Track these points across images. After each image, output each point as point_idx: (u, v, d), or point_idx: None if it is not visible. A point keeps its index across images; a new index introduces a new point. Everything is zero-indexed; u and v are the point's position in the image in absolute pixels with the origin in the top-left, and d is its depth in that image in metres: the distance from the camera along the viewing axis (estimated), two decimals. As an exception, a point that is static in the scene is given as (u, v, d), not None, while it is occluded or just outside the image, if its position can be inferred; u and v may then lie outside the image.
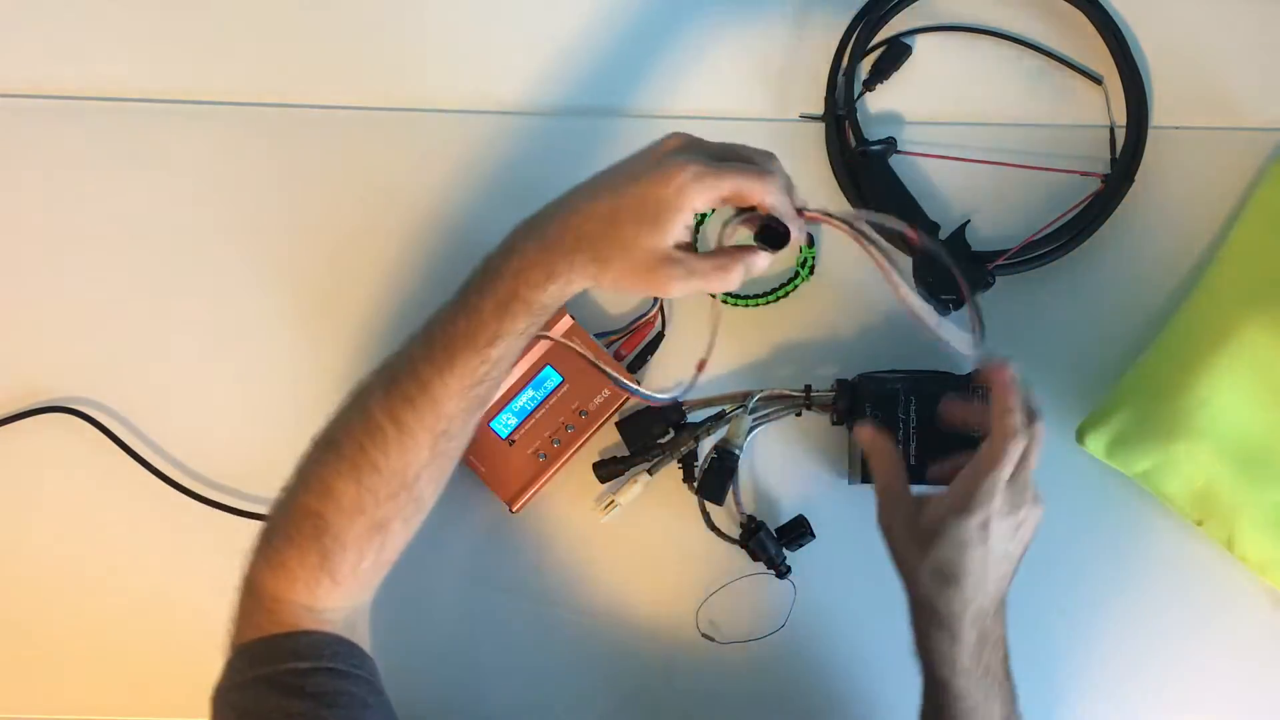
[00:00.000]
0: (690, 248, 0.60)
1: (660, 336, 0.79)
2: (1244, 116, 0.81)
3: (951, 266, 0.66)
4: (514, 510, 0.75)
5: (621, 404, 0.76)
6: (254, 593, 0.62)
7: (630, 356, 0.78)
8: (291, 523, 0.61)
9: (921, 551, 0.62)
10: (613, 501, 0.76)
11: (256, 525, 0.69)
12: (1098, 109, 0.81)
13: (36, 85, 0.82)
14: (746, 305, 0.78)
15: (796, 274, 0.78)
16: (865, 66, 0.81)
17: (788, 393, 0.76)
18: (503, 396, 0.75)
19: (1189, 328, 0.76)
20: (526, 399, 0.75)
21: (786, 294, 0.78)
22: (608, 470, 0.76)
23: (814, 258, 0.78)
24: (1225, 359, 0.72)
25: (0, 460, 0.78)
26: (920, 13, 0.82)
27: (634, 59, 0.82)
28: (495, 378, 0.60)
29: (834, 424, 0.76)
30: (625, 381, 0.73)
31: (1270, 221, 0.76)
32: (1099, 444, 0.75)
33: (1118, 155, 0.79)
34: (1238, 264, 0.76)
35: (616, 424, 0.76)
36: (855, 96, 0.80)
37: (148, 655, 0.77)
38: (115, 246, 0.80)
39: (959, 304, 0.74)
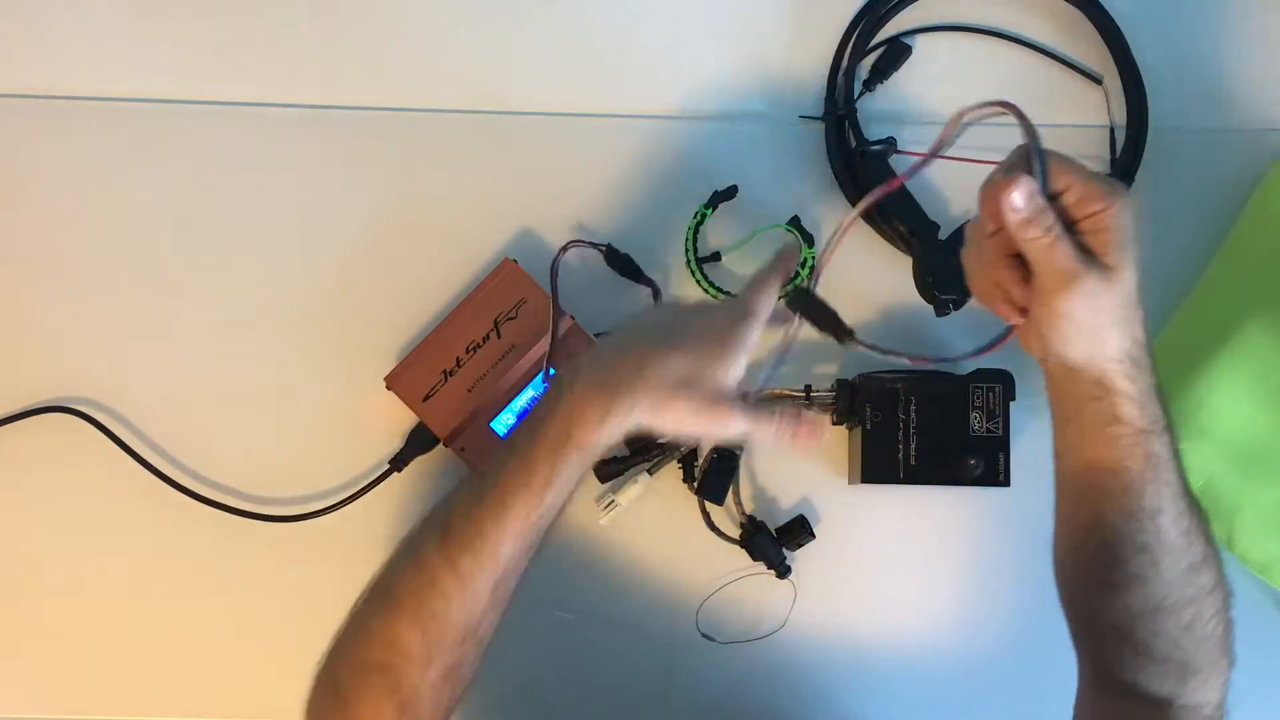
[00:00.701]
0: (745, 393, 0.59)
1: (660, 336, 0.79)
2: (1244, 116, 0.81)
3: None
4: (514, 510, 0.75)
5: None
6: None
7: (630, 356, 0.78)
8: (362, 678, 0.58)
9: (1120, 285, 0.53)
10: (613, 501, 0.76)
11: (260, 526, 0.69)
12: (1098, 109, 0.81)
13: (36, 85, 0.82)
14: (746, 305, 0.78)
15: (797, 274, 0.78)
16: (865, 66, 0.81)
17: (788, 392, 0.76)
18: (503, 396, 0.75)
19: (1189, 328, 0.76)
20: (526, 399, 0.75)
21: (787, 294, 0.78)
22: (608, 470, 0.76)
23: (814, 257, 0.78)
24: (1225, 359, 0.72)
25: (0, 460, 0.78)
26: (920, 13, 0.82)
27: (634, 59, 0.82)
28: (551, 519, 0.58)
29: (833, 424, 0.76)
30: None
31: (1270, 221, 0.76)
32: None
33: (1118, 155, 0.79)
34: (1238, 264, 0.76)
35: None
36: (855, 96, 0.80)
37: (148, 655, 0.77)
38: (115, 246, 0.80)
39: (959, 304, 0.74)
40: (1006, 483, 0.73)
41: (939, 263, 0.74)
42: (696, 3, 0.83)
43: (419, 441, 0.76)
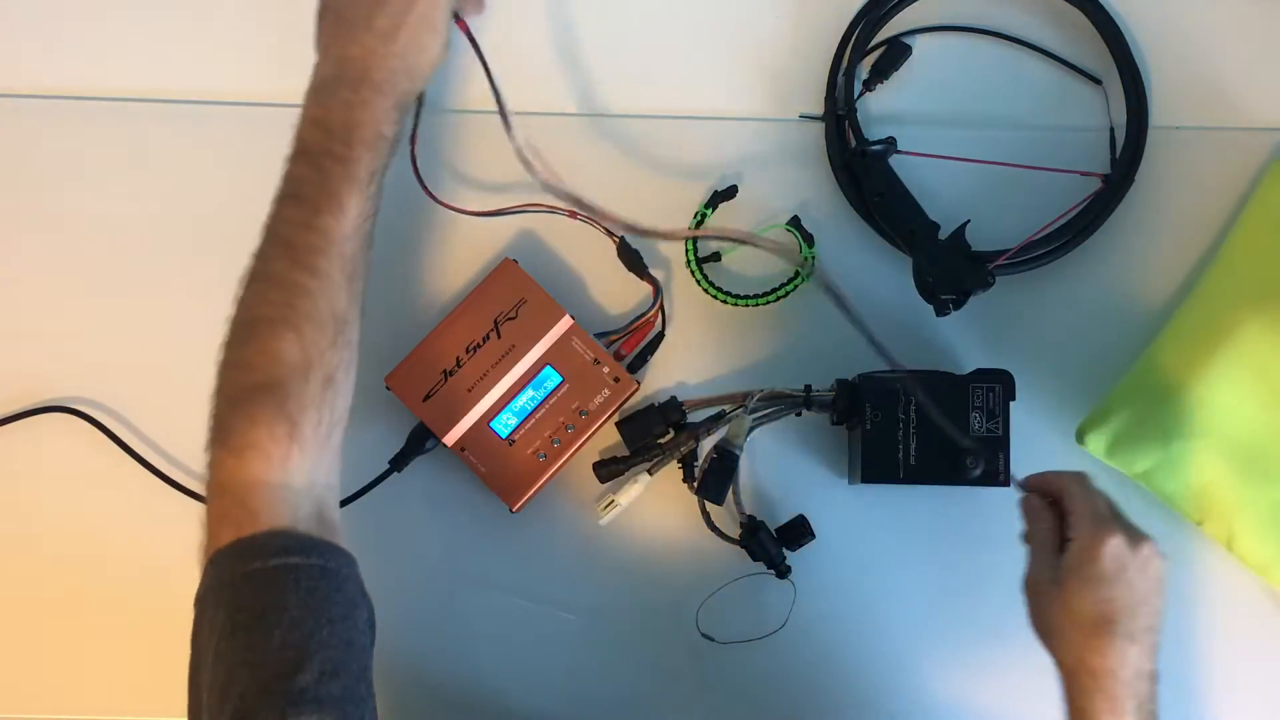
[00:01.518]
0: None
1: (660, 336, 0.79)
2: (1244, 116, 0.81)
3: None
4: (514, 510, 0.75)
5: (622, 404, 0.76)
6: (225, 490, 0.57)
7: (630, 356, 0.78)
8: (248, 404, 0.58)
9: (1066, 604, 0.62)
10: (613, 501, 0.76)
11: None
12: (1098, 109, 0.81)
13: (36, 85, 0.82)
14: (747, 305, 0.78)
15: (796, 274, 0.78)
16: (865, 66, 0.81)
17: (788, 392, 0.76)
18: (503, 396, 0.75)
19: (1189, 328, 0.76)
20: (526, 399, 0.75)
21: (787, 294, 0.78)
22: (608, 470, 0.76)
23: (814, 257, 0.78)
24: (1225, 359, 0.72)
25: (0, 460, 0.78)
26: (920, 13, 0.82)
27: (634, 59, 0.82)
28: (377, 207, 0.64)
29: (834, 424, 0.76)
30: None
31: (1270, 221, 0.76)
32: (1099, 444, 0.75)
33: (1118, 155, 0.79)
34: (1238, 264, 0.76)
35: (616, 424, 0.76)
36: (855, 96, 0.80)
37: (148, 655, 0.77)
38: (115, 246, 0.80)
39: (959, 304, 0.74)
40: (1006, 483, 0.73)
41: (939, 263, 0.74)
42: (696, 2, 0.83)
43: (419, 441, 0.76)
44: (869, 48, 0.81)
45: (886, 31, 0.82)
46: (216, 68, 0.82)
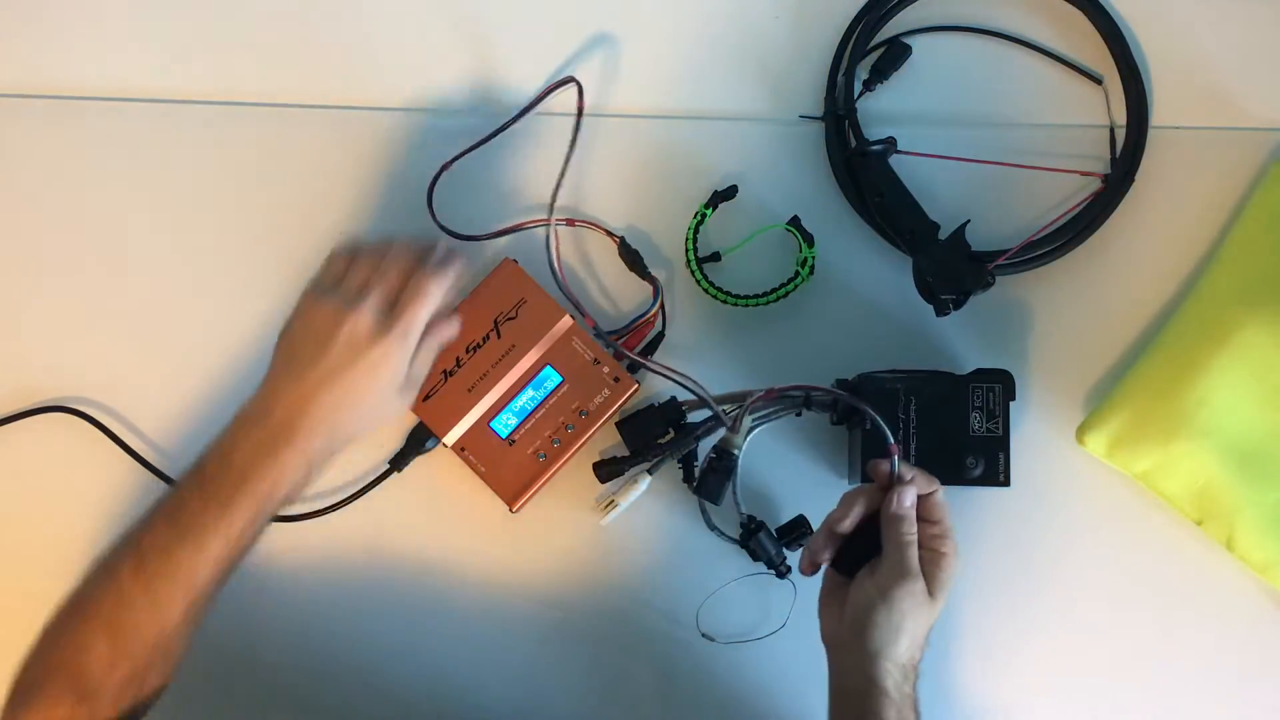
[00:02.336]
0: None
1: (660, 336, 0.79)
2: (1244, 116, 0.81)
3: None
4: (514, 510, 0.75)
5: (622, 404, 0.76)
6: None
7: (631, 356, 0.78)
8: (42, 676, 0.61)
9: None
10: (612, 502, 0.76)
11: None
12: (1098, 109, 0.81)
13: (36, 85, 0.82)
14: (747, 305, 0.78)
15: (797, 274, 0.78)
16: (865, 66, 0.81)
17: (787, 392, 0.76)
18: (503, 396, 0.75)
19: (1189, 328, 0.76)
20: (526, 399, 0.75)
21: (787, 294, 0.78)
22: (608, 470, 0.76)
23: (814, 257, 0.78)
24: (1225, 359, 0.72)
25: (0, 460, 0.78)
26: (920, 13, 0.82)
27: (634, 59, 0.82)
28: (245, 551, 0.63)
29: (833, 424, 0.76)
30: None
31: (1270, 221, 0.76)
32: (1099, 444, 0.75)
33: (1118, 155, 0.79)
34: (1238, 264, 0.76)
35: (616, 424, 0.76)
36: (855, 96, 0.80)
37: (148, 655, 0.77)
38: (115, 246, 0.80)
39: (959, 304, 0.74)
40: (1007, 482, 0.73)
41: (939, 263, 0.74)
42: (697, 2, 0.83)
43: (419, 441, 0.76)
44: (869, 48, 0.81)
45: (886, 31, 0.82)
46: (217, 68, 0.82)
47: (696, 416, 0.77)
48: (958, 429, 0.72)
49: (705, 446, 0.75)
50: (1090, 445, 0.75)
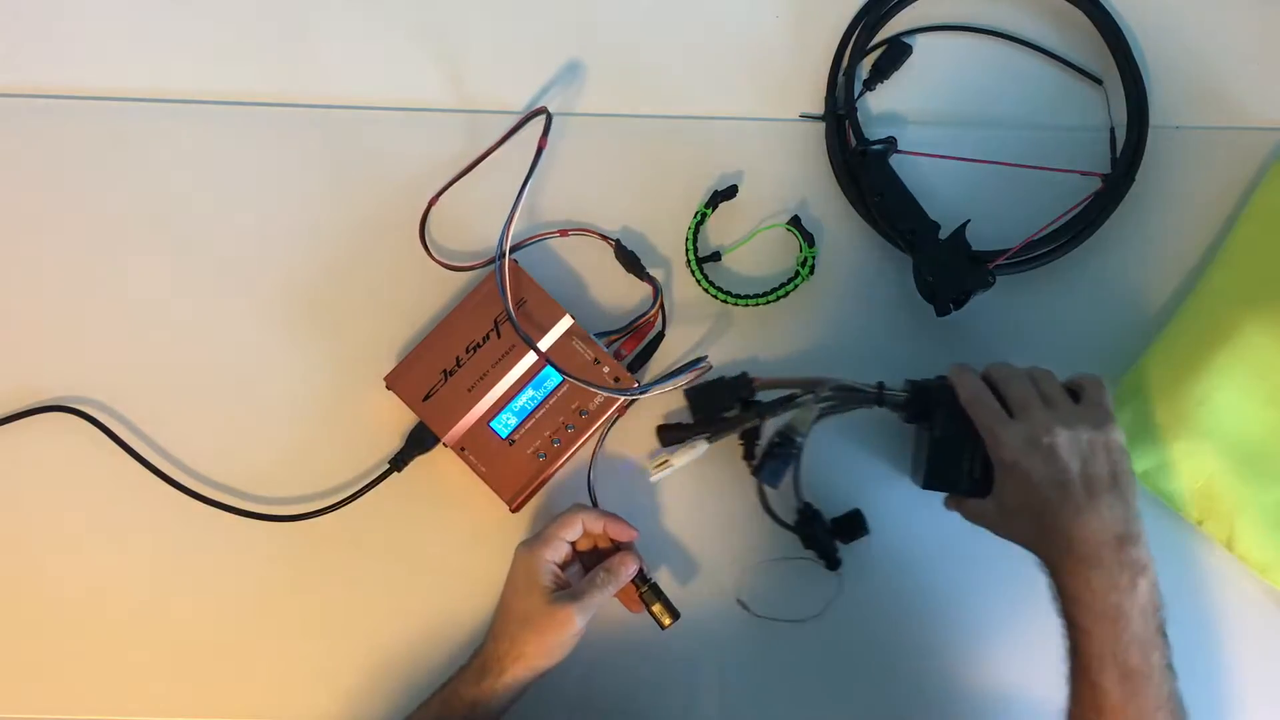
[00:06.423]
0: (565, 583, 0.71)
1: (660, 336, 0.79)
2: (1244, 116, 0.81)
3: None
4: (514, 510, 0.75)
5: (620, 404, 0.76)
6: None
7: (630, 356, 0.78)
8: None
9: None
10: (666, 461, 0.74)
11: (260, 526, 0.68)
12: (1098, 109, 0.81)
13: (36, 85, 0.82)
14: (747, 304, 0.78)
15: (797, 273, 0.78)
16: (865, 66, 0.81)
17: (859, 386, 0.73)
18: (503, 396, 0.75)
19: (1189, 327, 0.76)
20: (526, 399, 0.75)
21: (787, 294, 0.78)
22: (671, 435, 0.75)
23: (814, 257, 0.78)
24: (1225, 359, 0.72)
25: (0, 460, 0.78)
26: (920, 13, 0.82)
27: (634, 60, 0.82)
28: None
29: (906, 421, 0.74)
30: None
31: (1270, 221, 0.76)
32: None
33: (1118, 155, 0.79)
34: (1238, 264, 0.76)
35: (685, 391, 0.75)
36: (855, 96, 0.80)
37: (147, 655, 0.77)
38: (115, 246, 0.80)
39: (959, 304, 0.74)
40: None
41: (939, 263, 0.74)
42: (697, 2, 0.83)
43: (419, 441, 0.76)
44: (869, 48, 0.81)
45: (886, 31, 0.82)
46: (217, 68, 0.83)
47: (766, 397, 0.75)
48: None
49: (771, 428, 0.73)
50: None
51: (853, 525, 0.75)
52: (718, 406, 0.75)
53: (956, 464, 0.71)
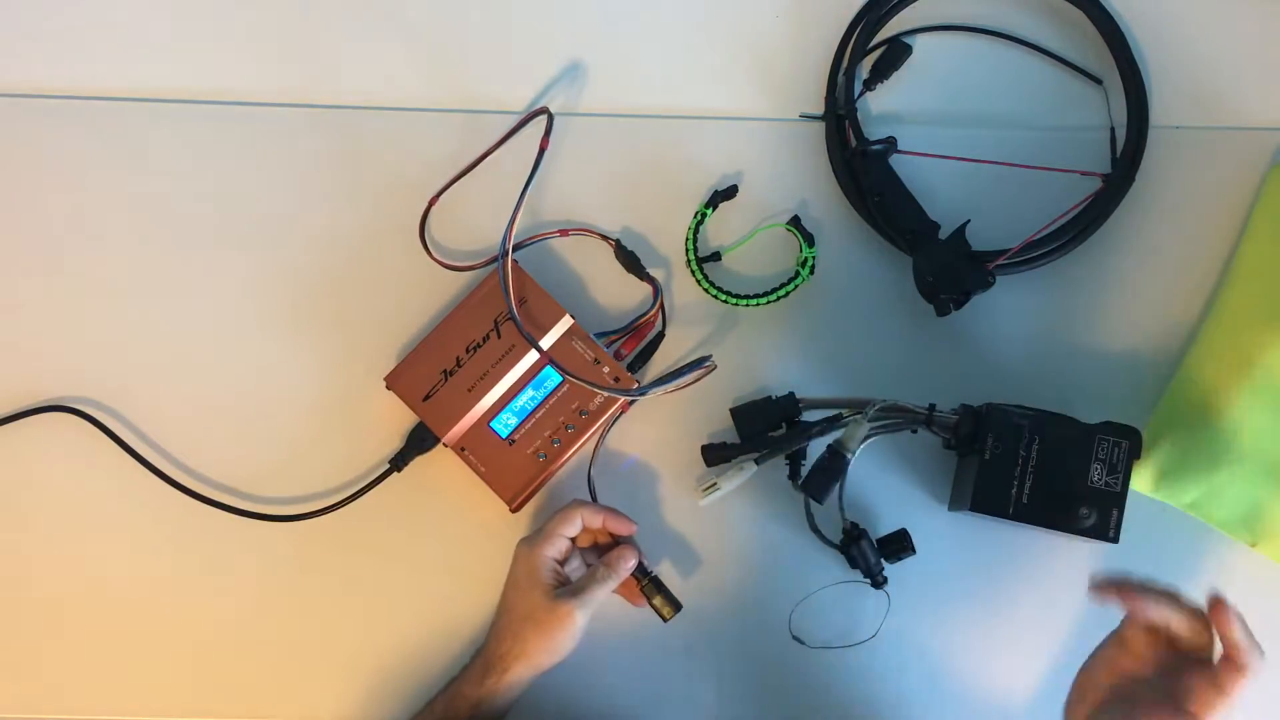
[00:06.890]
0: (566, 579, 0.72)
1: (660, 336, 0.79)
2: (1244, 116, 0.81)
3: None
4: (514, 510, 0.75)
5: (620, 403, 0.76)
6: None
7: (630, 356, 0.78)
8: None
9: None
10: (714, 484, 0.74)
11: (260, 526, 0.68)
12: (1098, 109, 0.81)
13: (36, 85, 0.82)
14: (747, 304, 0.78)
15: (797, 273, 0.78)
16: (865, 66, 0.81)
17: (909, 408, 0.73)
18: (503, 396, 0.75)
19: (1213, 351, 0.75)
20: (526, 399, 0.75)
21: (787, 294, 0.78)
22: (716, 454, 0.75)
23: (814, 257, 0.78)
24: (1251, 382, 0.71)
25: (0, 460, 0.78)
26: (920, 13, 0.82)
27: (634, 59, 0.82)
28: None
29: (947, 448, 0.74)
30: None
31: (1276, 233, 0.76)
32: (1144, 481, 0.74)
33: (1118, 155, 0.79)
34: (1249, 283, 0.75)
35: (731, 410, 0.75)
36: (855, 96, 0.80)
37: (148, 655, 0.77)
38: (115, 246, 0.80)
39: (960, 304, 0.74)
40: (1115, 539, 0.69)
41: (939, 263, 0.74)
42: (697, 2, 0.83)
43: (419, 441, 0.76)
44: (869, 48, 0.81)
45: (886, 31, 0.82)
46: (218, 67, 0.83)
47: (812, 416, 0.74)
48: (1077, 477, 0.70)
49: (815, 450, 0.72)
50: (1136, 482, 0.73)
51: (899, 544, 0.74)
52: (764, 426, 0.74)
53: (1005, 489, 0.70)
